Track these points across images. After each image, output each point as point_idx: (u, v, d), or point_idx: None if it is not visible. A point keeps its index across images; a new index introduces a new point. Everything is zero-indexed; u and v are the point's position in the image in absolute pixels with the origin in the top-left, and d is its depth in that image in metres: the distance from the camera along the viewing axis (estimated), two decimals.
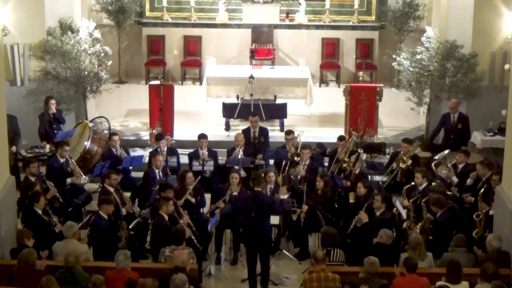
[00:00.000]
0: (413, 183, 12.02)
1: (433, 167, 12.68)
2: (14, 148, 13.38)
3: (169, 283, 8.74)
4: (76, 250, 9.81)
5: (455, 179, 12.61)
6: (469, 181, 12.28)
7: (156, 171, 12.65)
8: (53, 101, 14.26)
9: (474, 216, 11.08)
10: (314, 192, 11.99)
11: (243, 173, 13.06)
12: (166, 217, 10.82)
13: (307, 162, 12.95)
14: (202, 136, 13.54)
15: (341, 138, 13.68)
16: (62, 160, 12.80)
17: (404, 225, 11.14)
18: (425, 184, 11.90)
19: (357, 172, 12.55)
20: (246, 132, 14.01)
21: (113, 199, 11.21)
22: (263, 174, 11.75)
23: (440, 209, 10.93)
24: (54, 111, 14.25)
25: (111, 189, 11.85)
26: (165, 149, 13.48)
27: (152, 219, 11.51)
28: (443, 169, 12.68)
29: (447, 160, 12.91)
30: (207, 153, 13.42)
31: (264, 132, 14.20)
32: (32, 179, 12.01)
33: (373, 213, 11.17)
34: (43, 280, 8.68)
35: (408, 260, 9.32)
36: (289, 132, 13.77)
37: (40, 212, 10.93)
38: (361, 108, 14.93)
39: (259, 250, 10.61)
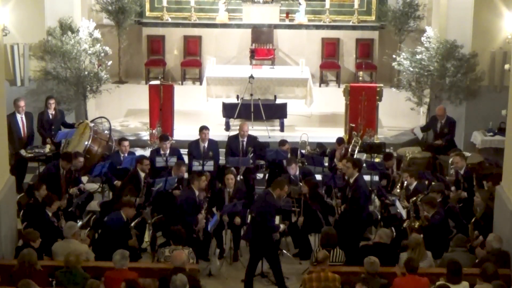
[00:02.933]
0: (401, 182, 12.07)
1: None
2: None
3: (169, 284, 8.74)
4: (76, 250, 9.81)
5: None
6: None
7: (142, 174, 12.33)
8: (51, 101, 14.23)
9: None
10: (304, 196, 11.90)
11: None
12: (197, 192, 10.69)
13: (297, 173, 12.61)
14: (204, 128, 13.54)
15: (339, 141, 13.61)
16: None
17: (405, 224, 11.14)
18: (415, 183, 11.90)
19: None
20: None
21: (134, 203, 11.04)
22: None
23: (431, 209, 10.87)
24: (53, 111, 14.22)
25: (142, 174, 11.90)
26: (168, 151, 13.39)
27: (151, 219, 11.57)
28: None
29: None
30: (207, 145, 13.43)
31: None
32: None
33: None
34: (20, 283, 8.66)
35: (409, 261, 9.32)
36: (283, 143, 13.53)
37: (50, 214, 10.92)
38: (361, 108, 14.93)
39: (263, 254, 10.58)
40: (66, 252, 9.64)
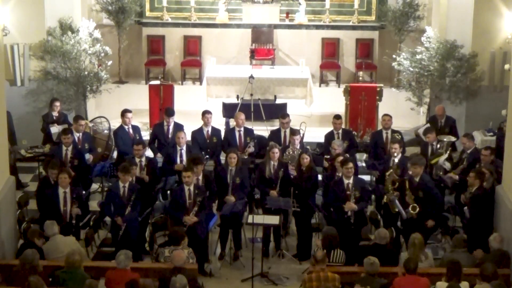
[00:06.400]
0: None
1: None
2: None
3: (169, 284, 8.73)
4: (66, 243, 9.88)
5: (447, 165, 12.64)
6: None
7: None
8: (57, 103, 14.21)
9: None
10: (299, 169, 11.95)
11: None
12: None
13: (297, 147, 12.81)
14: (207, 112, 13.58)
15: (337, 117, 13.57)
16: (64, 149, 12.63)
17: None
18: (400, 155, 12.17)
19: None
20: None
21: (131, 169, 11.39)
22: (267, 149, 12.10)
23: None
24: (57, 114, 14.20)
25: (138, 160, 12.19)
26: (172, 125, 13.56)
27: (152, 219, 11.59)
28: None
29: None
30: (211, 130, 13.46)
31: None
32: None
33: None
34: (32, 280, 8.67)
35: (409, 261, 9.31)
36: (284, 116, 13.61)
37: (61, 193, 10.98)
38: (361, 108, 14.95)
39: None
40: (57, 249, 9.70)
